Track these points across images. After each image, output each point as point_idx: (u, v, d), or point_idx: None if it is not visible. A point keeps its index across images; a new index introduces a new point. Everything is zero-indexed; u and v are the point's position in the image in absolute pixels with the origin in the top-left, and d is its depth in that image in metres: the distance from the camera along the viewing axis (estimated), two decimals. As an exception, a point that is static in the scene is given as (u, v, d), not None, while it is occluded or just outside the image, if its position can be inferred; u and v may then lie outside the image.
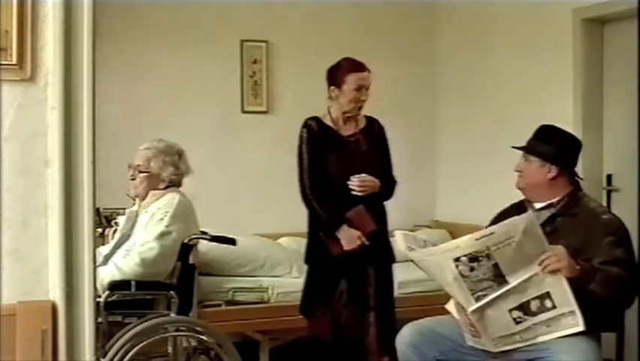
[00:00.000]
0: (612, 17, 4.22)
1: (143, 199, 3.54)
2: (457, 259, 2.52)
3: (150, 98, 4.96)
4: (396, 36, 5.54)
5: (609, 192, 4.30)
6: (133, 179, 3.55)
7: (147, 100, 4.96)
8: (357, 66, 3.49)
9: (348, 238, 3.37)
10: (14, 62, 1.88)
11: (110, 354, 2.93)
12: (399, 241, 2.73)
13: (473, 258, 2.52)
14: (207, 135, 5.02)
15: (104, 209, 4.03)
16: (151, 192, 3.53)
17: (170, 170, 3.53)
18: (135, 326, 3.07)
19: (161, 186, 3.53)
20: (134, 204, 3.63)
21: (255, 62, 5.22)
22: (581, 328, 2.51)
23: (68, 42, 1.89)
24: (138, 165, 3.53)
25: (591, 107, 4.33)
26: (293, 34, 5.24)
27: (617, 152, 4.27)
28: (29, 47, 1.89)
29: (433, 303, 3.24)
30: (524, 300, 2.56)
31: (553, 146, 2.84)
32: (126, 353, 2.95)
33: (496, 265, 2.52)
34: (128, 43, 4.86)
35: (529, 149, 2.89)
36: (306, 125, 3.49)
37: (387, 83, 5.47)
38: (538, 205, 2.86)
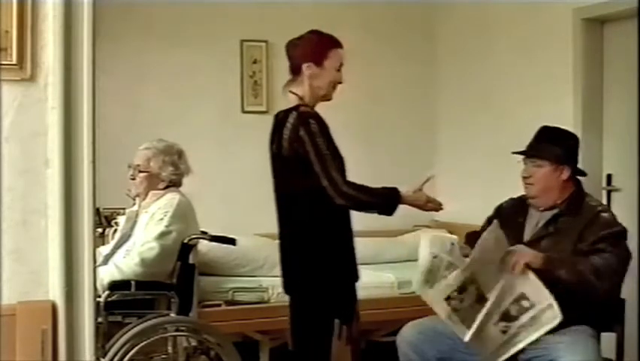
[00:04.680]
0: (612, 17, 4.22)
1: (143, 199, 3.54)
2: (447, 298, 2.59)
3: (150, 98, 4.96)
4: (396, 36, 5.54)
5: (609, 192, 4.30)
6: (133, 179, 3.55)
7: (147, 100, 4.96)
8: (337, 41, 2.90)
9: (417, 198, 2.86)
10: (14, 62, 1.88)
11: (110, 354, 2.94)
12: (423, 248, 2.72)
13: (462, 288, 2.58)
14: (207, 135, 5.01)
15: (104, 209, 4.04)
16: (151, 192, 3.53)
17: (169, 170, 3.53)
18: (135, 326, 3.08)
19: (161, 186, 3.54)
20: (134, 204, 3.64)
21: (255, 62, 5.22)
22: (559, 318, 2.52)
23: (68, 42, 1.89)
24: (138, 165, 3.53)
25: (591, 107, 4.33)
26: (293, 34, 5.23)
27: (617, 152, 4.27)
28: (29, 47, 1.89)
29: (432, 303, 3.23)
30: (504, 308, 2.58)
31: (559, 146, 2.82)
32: (126, 353, 2.96)
33: (478, 288, 2.58)
34: (128, 43, 4.85)
35: (540, 153, 2.83)
36: (308, 114, 2.79)
37: (387, 83, 5.52)
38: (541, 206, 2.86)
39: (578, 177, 2.91)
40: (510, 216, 2.92)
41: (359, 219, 2.86)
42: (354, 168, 3.00)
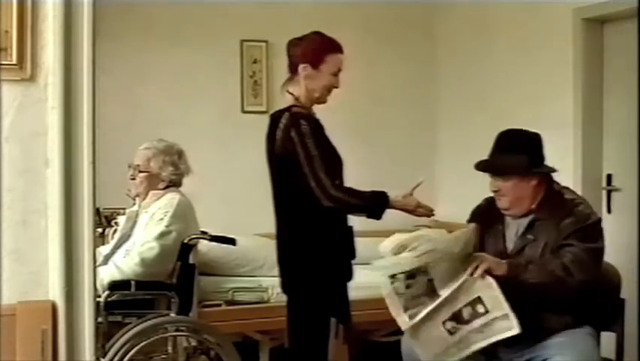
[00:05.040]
0: (612, 17, 4.22)
1: (143, 199, 3.55)
2: (393, 276, 2.50)
3: (150, 98, 4.96)
4: (396, 36, 5.54)
5: (609, 192, 4.30)
6: (133, 179, 3.55)
7: (147, 100, 4.96)
8: (337, 46, 2.90)
9: (407, 202, 2.86)
10: (14, 62, 1.88)
11: (110, 354, 2.94)
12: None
13: (411, 275, 2.49)
14: (207, 135, 5.02)
15: (104, 209, 4.04)
16: (151, 192, 3.53)
17: (169, 170, 3.53)
18: (135, 326, 3.08)
19: (161, 186, 3.54)
20: (134, 204, 3.64)
21: (255, 61, 5.22)
22: (516, 330, 2.45)
23: (68, 42, 1.89)
24: (138, 165, 3.53)
25: (591, 106, 4.33)
26: (293, 34, 5.23)
27: (617, 152, 4.27)
28: (29, 47, 1.89)
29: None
30: (456, 309, 2.50)
31: (524, 154, 2.70)
32: (126, 353, 2.96)
33: (430, 280, 2.50)
34: (128, 43, 4.85)
35: (505, 169, 2.72)
36: (300, 115, 2.80)
37: (387, 83, 5.52)
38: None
39: (550, 173, 2.78)
40: (489, 222, 2.83)
41: (359, 220, 2.86)
42: (354, 168, 3.00)
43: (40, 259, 1.91)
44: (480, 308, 2.49)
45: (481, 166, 2.82)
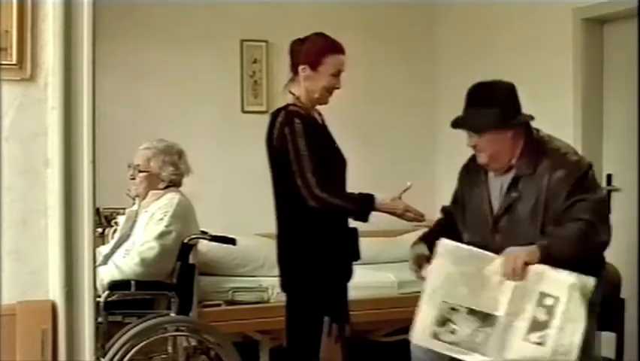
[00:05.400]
0: (612, 17, 4.22)
1: (143, 199, 3.55)
2: (434, 335, 2.39)
3: (150, 98, 4.96)
4: (396, 35, 5.54)
5: (609, 192, 4.30)
6: (133, 179, 3.55)
7: (147, 100, 4.96)
8: (337, 47, 2.88)
9: (394, 206, 2.84)
10: (14, 62, 1.88)
11: (110, 354, 2.94)
12: None
13: (442, 322, 2.39)
14: (207, 135, 5.02)
15: (104, 209, 4.04)
16: (151, 192, 3.53)
17: (169, 170, 3.53)
18: (135, 326, 3.08)
19: (161, 185, 3.54)
20: (134, 204, 3.64)
21: (255, 61, 5.22)
22: (591, 281, 2.27)
23: (68, 42, 1.89)
24: (138, 165, 3.53)
25: (591, 106, 4.33)
26: (293, 34, 5.23)
27: (617, 152, 4.27)
28: (29, 47, 1.89)
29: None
30: (528, 318, 2.32)
31: (496, 106, 2.61)
32: (126, 352, 2.96)
33: (472, 311, 2.37)
34: (128, 43, 4.85)
35: (478, 124, 2.63)
36: (295, 114, 2.80)
37: (387, 83, 5.52)
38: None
39: (528, 122, 2.69)
40: (473, 188, 2.77)
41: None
42: (354, 168, 3.00)
43: (40, 259, 1.91)
44: (548, 301, 2.29)
45: (455, 123, 2.73)
